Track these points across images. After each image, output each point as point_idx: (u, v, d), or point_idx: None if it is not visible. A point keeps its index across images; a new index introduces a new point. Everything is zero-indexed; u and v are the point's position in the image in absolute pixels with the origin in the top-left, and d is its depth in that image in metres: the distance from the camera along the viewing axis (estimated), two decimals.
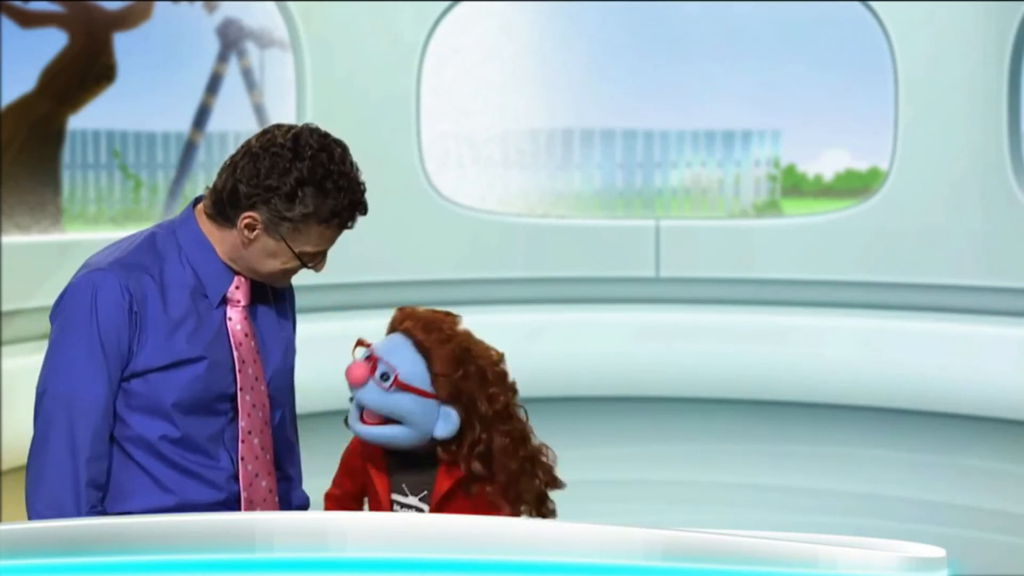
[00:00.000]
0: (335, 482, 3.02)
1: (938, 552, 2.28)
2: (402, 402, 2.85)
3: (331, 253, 2.90)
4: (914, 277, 7.12)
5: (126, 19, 7.44)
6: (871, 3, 7.16)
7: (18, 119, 7.17)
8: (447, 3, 7.32)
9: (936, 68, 7.09)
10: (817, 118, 8.07)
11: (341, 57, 7.20)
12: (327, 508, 3.03)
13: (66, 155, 7.43)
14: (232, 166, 2.81)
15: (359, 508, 3.02)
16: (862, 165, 8.14)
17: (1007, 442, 6.79)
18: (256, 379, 2.87)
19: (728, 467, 7.09)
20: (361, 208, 2.88)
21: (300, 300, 3.09)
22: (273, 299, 2.97)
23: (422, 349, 2.88)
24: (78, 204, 7.74)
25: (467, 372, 2.87)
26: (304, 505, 3.07)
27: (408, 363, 2.86)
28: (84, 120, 7.51)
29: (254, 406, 2.86)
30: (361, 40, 7.22)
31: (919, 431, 6.97)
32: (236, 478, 2.84)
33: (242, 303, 2.87)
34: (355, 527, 2.29)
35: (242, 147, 2.83)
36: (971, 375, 6.88)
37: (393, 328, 2.93)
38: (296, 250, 2.80)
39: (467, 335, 2.92)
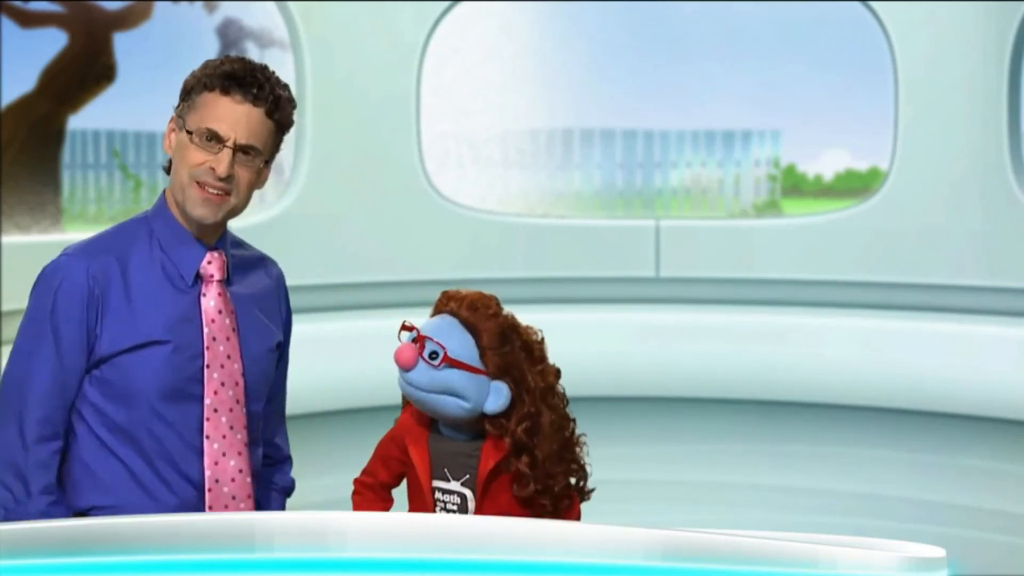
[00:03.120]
0: (367, 470, 3.00)
1: (938, 552, 2.28)
2: (453, 378, 2.85)
3: (331, 253, 2.91)
4: (914, 277, 7.12)
5: (126, 19, 7.44)
6: (871, 3, 7.16)
7: (18, 119, 7.17)
8: (447, 3, 7.32)
9: (936, 68, 7.09)
10: (817, 118, 8.07)
11: (341, 57, 7.20)
12: (356, 493, 3.01)
13: (66, 155, 7.43)
14: None
15: (388, 497, 3.02)
16: (862, 165, 8.14)
17: (1007, 442, 6.79)
18: (228, 357, 2.85)
19: (728, 467, 7.09)
20: (253, 81, 2.82)
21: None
22: (259, 283, 2.96)
23: (468, 326, 2.89)
24: (78, 204, 7.74)
25: (514, 347, 2.89)
26: (288, 487, 3.06)
27: (456, 340, 2.87)
28: (84, 120, 7.51)
29: (223, 384, 2.84)
30: (361, 40, 7.22)
31: (919, 431, 6.97)
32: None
33: (216, 277, 2.87)
34: (355, 527, 2.29)
35: None
36: (971, 375, 6.88)
37: (438, 310, 2.94)
38: (190, 128, 2.80)
39: (511, 314, 2.94)
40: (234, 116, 2.80)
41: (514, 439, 2.86)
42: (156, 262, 2.84)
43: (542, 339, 2.95)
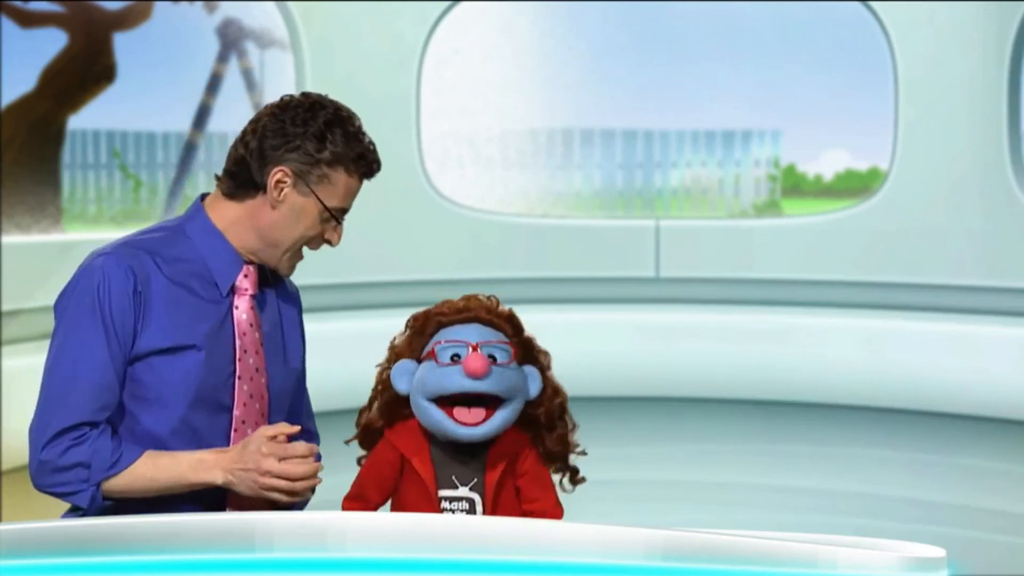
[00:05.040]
0: (357, 495, 2.96)
1: (938, 552, 2.28)
2: (515, 376, 2.87)
3: (331, 253, 2.91)
4: (914, 277, 7.12)
5: (126, 19, 7.44)
6: (871, 3, 7.15)
7: (18, 119, 7.17)
8: (447, 3, 7.32)
9: (936, 68, 7.09)
10: (817, 118, 8.06)
11: (341, 57, 7.20)
12: None
13: (66, 155, 7.43)
14: (252, 131, 2.84)
15: None
16: (862, 165, 8.13)
17: (1007, 442, 6.79)
18: (256, 370, 2.86)
19: (728, 467, 7.09)
20: (378, 163, 2.93)
21: (307, 299, 3.10)
22: (281, 300, 2.97)
23: (492, 324, 2.90)
24: (78, 204, 7.74)
25: (523, 331, 2.95)
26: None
27: (502, 339, 2.89)
28: (84, 120, 7.51)
29: (251, 396, 2.85)
30: (361, 40, 7.22)
31: (919, 431, 6.96)
32: None
33: (250, 291, 2.87)
34: (355, 527, 2.29)
35: (255, 118, 2.87)
36: (971, 375, 6.88)
37: (454, 321, 2.93)
38: (327, 205, 2.83)
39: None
40: (356, 193, 2.92)
41: (548, 414, 2.91)
42: (190, 268, 2.83)
43: None
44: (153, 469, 2.75)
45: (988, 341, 6.94)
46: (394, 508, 2.94)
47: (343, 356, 6.04)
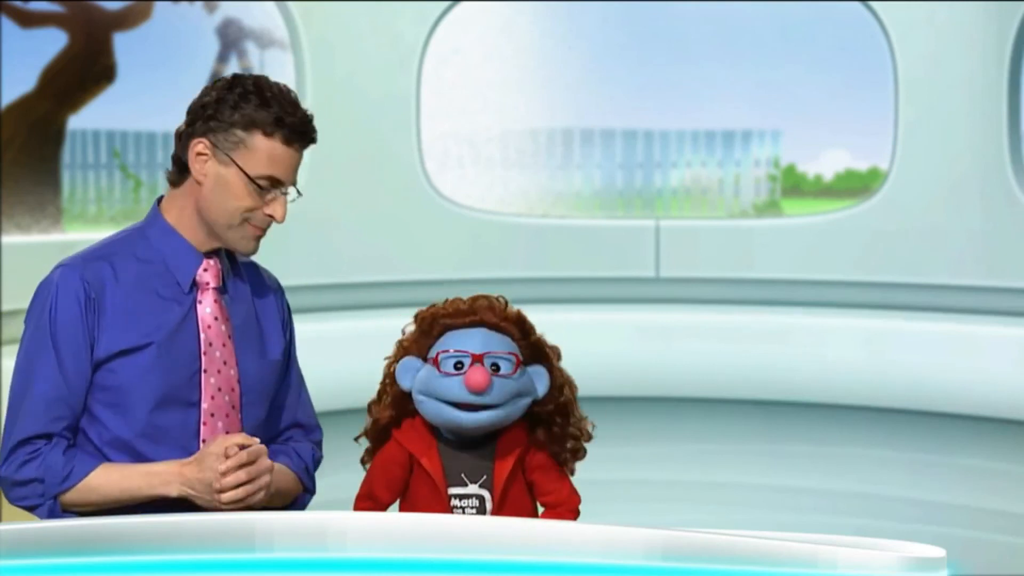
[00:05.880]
0: (368, 495, 2.95)
1: (938, 552, 2.28)
2: (517, 385, 2.86)
3: (331, 253, 2.91)
4: (914, 277, 7.12)
5: (126, 19, 7.44)
6: (871, 3, 7.16)
7: (18, 119, 7.18)
8: (447, 3, 7.32)
9: (936, 68, 7.09)
10: (817, 118, 8.07)
11: (341, 57, 7.20)
12: None
13: (66, 155, 7.43)
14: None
15: None
16: (862, 165, 8.14)
17: (1007, 442, 6.79)
18: (224, 363, 2.86)
19: (728, 467, 7.09)
20: (310, 130, 2.87)
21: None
22: (257, 293, 2.97)
23: (498, 328, 2.89)
24: (78, 204, 7.74)
25: (535, 332, 2.93)
26: (314, 457, 3.05)
27: (505, 344, 2.87)
28: (84, 120, 7.51)
29: (219, 389, 2.84)
30: (361, 40, 7.22)
31: (919, 431, 6.96)
32: None
33: (211, 284, 2.87)
34: (355, 527, 2.29)
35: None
36: (971, 375, 6.88)
37: (459, 325, 2.92)
38: (249, 172, 2.80)
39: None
40: (292, 164, 2.85)
41: (557, 405, 2.91)
42: (152, 269, 2.85)
43: None
44: (106, 483, 2.77)
45: (988, 341, 6.94)
46: (404, 507, 2.94)
47: (343, 356, 6.04)
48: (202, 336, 2.84)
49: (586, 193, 8.17)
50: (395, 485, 2.93)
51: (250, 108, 2.82)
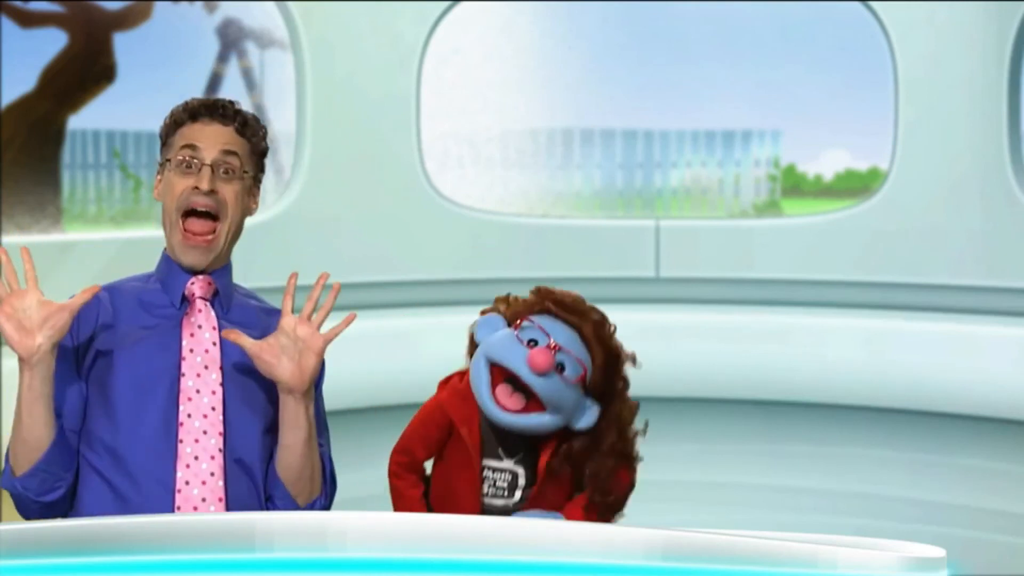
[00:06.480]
0: (404, 448, 2.98)
1: (938, 552, 2.28)
2: (570, 394, 2.86)
3: (331, 253, 2.92)
4: (914, 277, 7.12)
5: (126, 19, 7.44)
6: (871, 3, 7.15)
7: (18, 119, 7.17)
8: (447, 3, 7.32)
9: (936, 68, 7.09)
10: (817, 118, 8.06)
11: (341, 57, 7.19)
12: (396, 476, 2.99)
13: (66, 155, 7.43)
14: None
15: (421, 481, 3.01)
16: (862, 165, 8.13)
17: (1007, 442, 6.79)
18: (206, 367, 2.89)
19: (728, 467, 7.09)
20: (219, 105, 2.95)
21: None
22: (260, 330, 2.98)
23: (587, 343, 2.89)
24: (78, 204, 7.74)
25: (619, 375, 2.91)
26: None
27: (583, 359, 2.87)
28: (84, 120, 7.50)
29: (198, 391, 2.87)
30: (361, 40, 7.22)
31: (919, 431, 6.96)
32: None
33: (198, 295, 2.93)
34: (355, 527, 2.29)
35: None
36: (971, 375, 6.88)
37: (557, 315, 2.91)
38: (172, 157, 2.90)
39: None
40: (205, 134, 2.90)
41: (571, 452, 2.89)
42: (147, 292, 2.95)
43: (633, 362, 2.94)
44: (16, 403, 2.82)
45: (988, 341, 6.94)
46: (435, 468, 2.96)
47: (342, 356, 6.04)
48: (184, 342, 2.89)
49: (586, 193, 8.17)
50: (432, 445, 2.95)
51: (172, 116, 2.95)
